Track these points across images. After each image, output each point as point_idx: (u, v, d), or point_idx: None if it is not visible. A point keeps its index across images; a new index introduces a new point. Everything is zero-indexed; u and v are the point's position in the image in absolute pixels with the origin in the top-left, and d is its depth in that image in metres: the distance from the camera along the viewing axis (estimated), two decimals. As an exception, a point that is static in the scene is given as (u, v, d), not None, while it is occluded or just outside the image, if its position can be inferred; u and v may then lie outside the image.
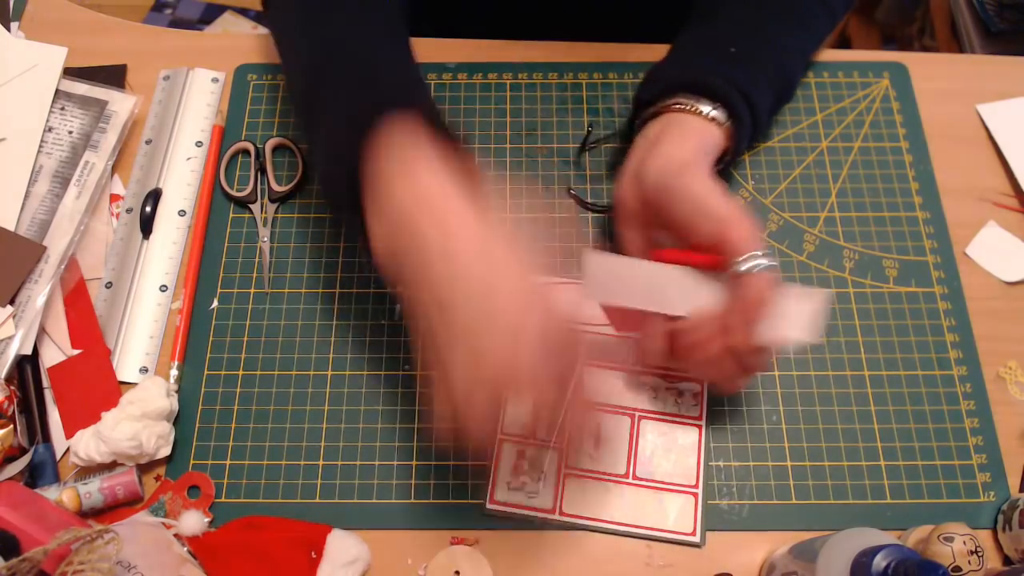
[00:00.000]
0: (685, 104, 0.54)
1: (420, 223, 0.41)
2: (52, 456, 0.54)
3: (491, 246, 0.41)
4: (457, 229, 0.41)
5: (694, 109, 0.53)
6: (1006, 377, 0.57)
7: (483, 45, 0.69)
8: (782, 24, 0.59)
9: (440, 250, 0.41)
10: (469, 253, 0.40)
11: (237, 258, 0.61)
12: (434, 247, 0.41)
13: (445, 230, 0.41)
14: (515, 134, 0.65)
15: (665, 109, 0.55)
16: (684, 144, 0.52)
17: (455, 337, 0.40)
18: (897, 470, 0.54)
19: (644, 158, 0.52)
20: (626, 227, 0.54)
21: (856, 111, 0.67)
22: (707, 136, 0.53)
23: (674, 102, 0.54)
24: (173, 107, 0.66)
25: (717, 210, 0.48)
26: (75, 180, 0.63)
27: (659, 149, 0.52)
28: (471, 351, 0.40)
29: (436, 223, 0.41)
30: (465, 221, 0.41)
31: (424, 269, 0.41)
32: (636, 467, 0.54)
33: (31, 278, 0.58)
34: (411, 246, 0.42)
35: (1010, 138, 0.65)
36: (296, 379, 0.57)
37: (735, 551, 0.52)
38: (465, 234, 0.41)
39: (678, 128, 0.53)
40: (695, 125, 0.53)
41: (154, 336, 0.58)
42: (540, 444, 0.54)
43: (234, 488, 0.53)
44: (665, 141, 0.52)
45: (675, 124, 0.54)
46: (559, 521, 0.52)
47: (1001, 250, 0.61)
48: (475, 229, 0.41)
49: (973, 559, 0.45)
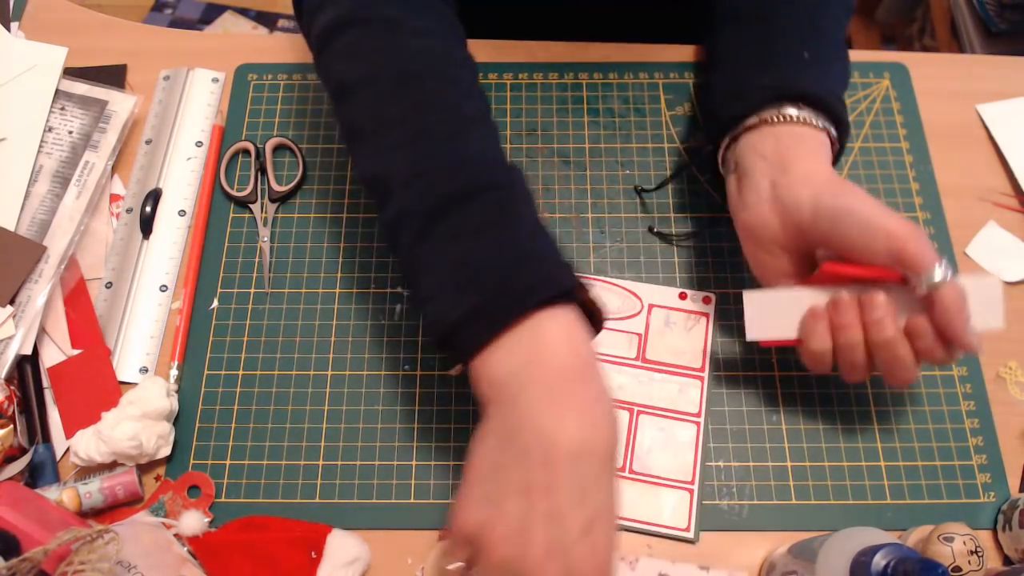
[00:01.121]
0: (796, 116, 0.51)
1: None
2: (52, 456, 0.54)
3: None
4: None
5: (806, 120, 0.51)
6: (1006, 377, 0.57)
7: (483, 45, 0.69)
8: (826, 20, 0.57)
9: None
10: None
11: (237, 258, 0.61)
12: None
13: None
14: (515, 134, 0.65)
15: (764, 123, 0.52)
16: (819, 160, 0.50)
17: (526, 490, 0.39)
18: (897, 470, 0.54)
19: (779, 181, 0.50)
20: (767, 253, 0.52)
21: (856, 111, 0.67)
22: (825, 148, 0.52)
23: (777, 114, 0.51)
24: (173, 107, 0.66)
25: (889, 227, 0.46)
26: (75, 180, 0.63)
27: (797, 169, 0.50)
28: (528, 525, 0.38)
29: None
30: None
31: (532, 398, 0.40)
32: (633, 461, 0.54)
33: (31, 278, 0.58)
34: (527, 377, 0.41)
35: (1010, 138, 0.65)
36: (296, 379, 0.57)
37: (735, 551, 0.52)
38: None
39: (801, 143, 0.51)
40: (814, 137, 0.51)
41: (154, 336, 0.58)
42: None
43: (234, 488, 0.54)
44: (800, 159, 0.50)
45: (795, 139, 0.51)
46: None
47: (1001, 250, 0.61)
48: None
49: (973, 559, 0.45)
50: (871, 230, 0.47)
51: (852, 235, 0.47)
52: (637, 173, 0.64)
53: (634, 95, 0.67)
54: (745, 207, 0.52)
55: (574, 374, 0.41)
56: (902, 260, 0.46)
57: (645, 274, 0.60)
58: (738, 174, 0.53)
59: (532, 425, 0.40)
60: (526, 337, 0.41)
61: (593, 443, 0.39)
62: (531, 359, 0.41)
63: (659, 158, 0.65)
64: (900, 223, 0.46)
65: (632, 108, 0.67)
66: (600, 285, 0.59)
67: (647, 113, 0.66)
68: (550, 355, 0.41)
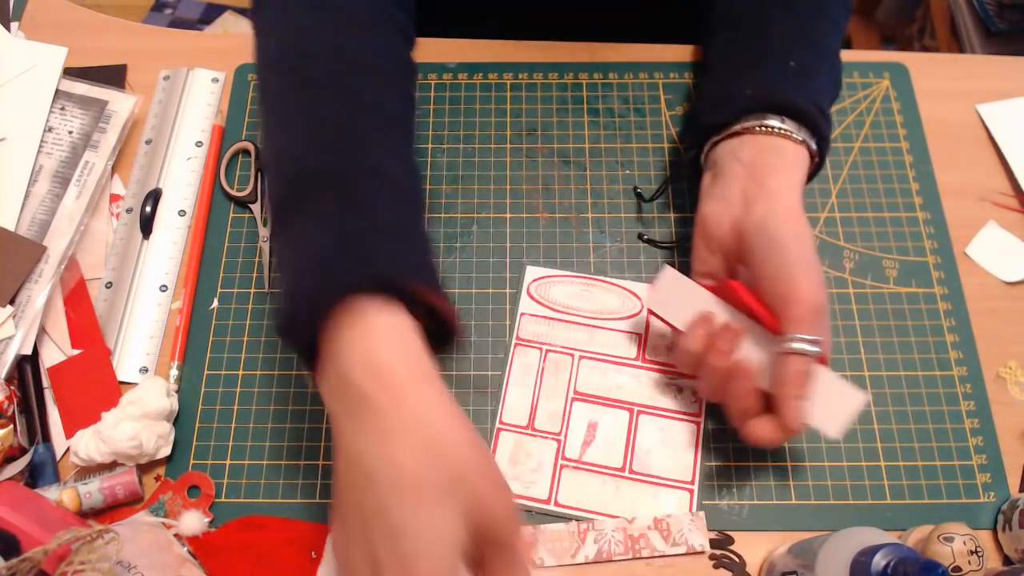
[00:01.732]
0: (777, 128, 0.51)
1: (367, 387, 0.38)
2: (52, 456, 0.54)
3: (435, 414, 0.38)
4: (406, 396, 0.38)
5: (787, 134, 0.51)
6: (1006, 377, 0.57)
7: (483, 45, 0.69)
8: (822, 26, 0.57)
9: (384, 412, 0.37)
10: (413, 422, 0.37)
11: (237, 258, 0.61)
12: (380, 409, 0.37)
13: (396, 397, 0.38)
14: (515, 134, 0.65)
15: (747, 131, 0.52)
16: (793, 177, 0.51)
17: (364, 516, 0.36)
18: (897, 470, 0.54)
19: (749, 189, 0.50)
20: (708, 249, 0.53)
21: (856, 111, 0.67)
22: (802, 162, 0.52)
23: (758, 124, 0.52)
24: (173, 107, 0.66)
25: (799, 282, 0.46)
26: (75, 180, 0.63)
27: (769, 183, 0.50)
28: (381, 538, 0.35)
29: (387, 389, 0.38)
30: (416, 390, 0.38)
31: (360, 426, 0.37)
32: (633, 461, 0.54)
33: (31, 278, 0.58)
34: (358, 406, 0.38)
35: (1010, 138, 0.65)
36: (296, 379, 0.57)
37: (734, 551, 0.52)
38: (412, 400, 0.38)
39: (780, 157, 0.51)
40: (793, 151, 0.51)
41: (154, 336, 0.58)
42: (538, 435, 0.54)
43: (234, 488, 0.53)
44: (775, 174, 0.50)
45: (774, 151, 0.51)
46: (554, 512, 0.52)
47: (1001, 250, 0.61)
48: (424, 398, 0.38)
49: (973, 559, 0.45)
50: (784, 274, 0.47)
51: (768, 267, 0.48)
52: (637, 173, 0.64)
53: (634, 95, 0.67)
54: (710, 199, 0.53)
55: (371, 393, 0.37)
56: (783, 313, 0.47)
57: (645, 274, 0.60)
58: (714, 172, 0.54)
59: (346, 454, 0.37)
60: (333, 347, 0.39)
61: (398, 474, 0.35)
62: (338, 375, 0.38)
63: (659, 158, 0.65)
64: (810, 287, 0.47)
65: (632, 108, 0.67)
66: (600, 285, 0.59)
67: (647, 113, 0.66)
68: (348, 371, 0.38)
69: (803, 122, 0.52)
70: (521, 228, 0.62)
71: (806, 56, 0.55)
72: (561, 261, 0.60)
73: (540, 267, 0.60)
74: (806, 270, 0.47)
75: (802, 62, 0.54)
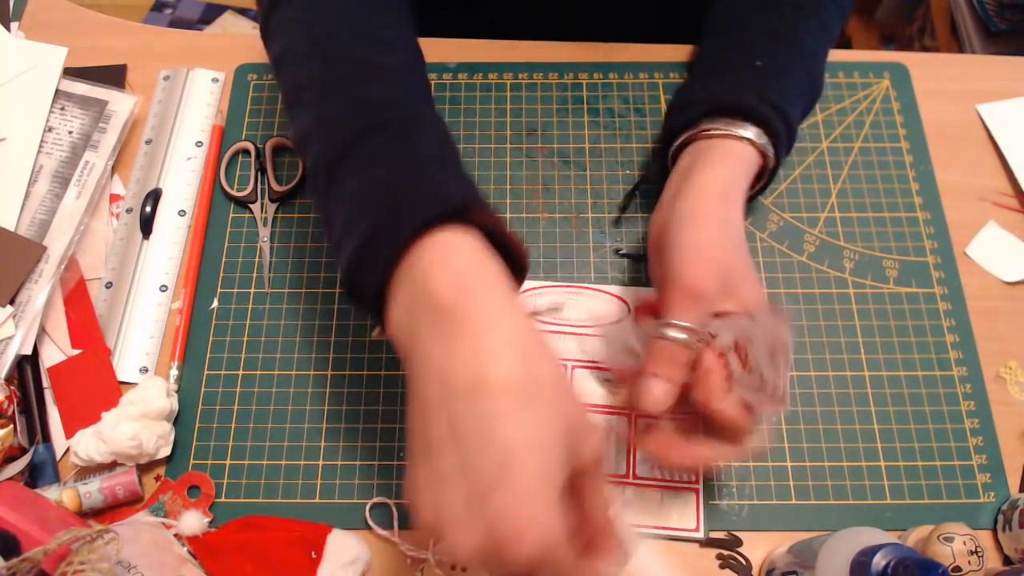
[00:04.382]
0: (718, 129, 0.52)
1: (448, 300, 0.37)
2: (52, 456, 0.54)
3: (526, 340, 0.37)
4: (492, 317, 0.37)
5: (728, 133, 0.51)
6: (1006, 377, 0.57)
7: (483, 45, 0.69)
8: (802, 27, 0.57)
9: (468, 330, 0.36)
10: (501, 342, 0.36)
11: (237, 258, 0.61)
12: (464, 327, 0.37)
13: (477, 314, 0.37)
14: (515, 134, 0.65)
15: (697, 136, 0.53)
16: (719, 172, 0.50)
17: (454, 440, 0.35)
18: (897, 470, 0.54)
19: (679, 189, 0.50)
20: (654, 254, 0.52)
21: (856, 111, 0.67)
22: (742, 159, 0.51)
23: (706, 128, 0.52)
24: (173, 107, 0.66)
25: (678, 259, 0.46)
26: (75, 180, 0.63)
27: (693, 178, 0.50)
28: (472, 475, 0.34)
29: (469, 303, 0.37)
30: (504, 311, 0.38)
31: (446, 345, 0.37)
32: (636, 467, 0.54)
33: (31, 278, 0.58)
34: (446, 316, 0.37)
35: (1010, 138, 0.65)
36: (296, 379, 0.57)
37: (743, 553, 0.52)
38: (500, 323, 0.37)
39: (708, 156, 0.51)
40: (729, 150, 0.51)
41: (154, 336, 0.58)
42: None
43: (234, 488, 0.54)
44: (702, 169, 0.50)
45: (706, 151, 0.52)
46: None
47: (1001, 250, 0.61)
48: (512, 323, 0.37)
49: (973, 559, 0.45)
50: (671, 259, 0.47)
51: (665, 251, 0.48)
52: (637, 173, 0.64)
53: (634, 95, 0.67)
54: (656, 210, 0.53)
55: (452, 301, 0.37)
56: (663, 296, 0.46)
57: (645, 274, 0.60)
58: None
59: (426, 371, 0.37)
60: (410, 270, 0.39)
61: (486, 374, 0.35)
62: (416, 293, 0.38)
63: (659, 158, 0.65)
64: (693, 268, 0.45)
65: (632, 108, 0.67)
66: (585, 292, 0.59)
67: (647, 113, 0.66)
68: (428, 283, 0.38)
69: (752, 120, 0.52)
70: (521, 228, 0.62)
71: (778, 55, 0.55)
72: (561, 261, 0.60)
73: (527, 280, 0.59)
74: (696, 251, 0.46)
75: (772, 62, 0.54)
